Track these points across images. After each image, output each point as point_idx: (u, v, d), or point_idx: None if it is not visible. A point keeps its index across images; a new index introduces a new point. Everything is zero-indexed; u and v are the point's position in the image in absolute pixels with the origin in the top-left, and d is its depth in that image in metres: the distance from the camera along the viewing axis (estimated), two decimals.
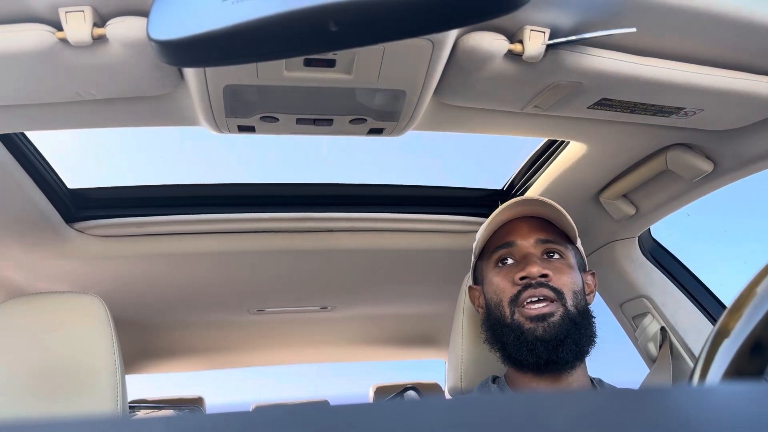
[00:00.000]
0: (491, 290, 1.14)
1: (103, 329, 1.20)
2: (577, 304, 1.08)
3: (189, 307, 2.14)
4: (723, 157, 1.27)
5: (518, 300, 1.07)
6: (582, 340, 1.06)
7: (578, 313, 1.07)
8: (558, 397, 0.24)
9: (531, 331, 1.04)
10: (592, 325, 1.10)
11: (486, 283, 1.17)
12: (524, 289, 1.07)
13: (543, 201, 1.13)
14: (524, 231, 1.14)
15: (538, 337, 1.03)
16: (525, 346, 1.04)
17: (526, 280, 1.07)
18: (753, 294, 0.36)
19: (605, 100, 1.06)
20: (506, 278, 1.11)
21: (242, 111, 1.02)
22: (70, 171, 1.48)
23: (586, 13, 0.87)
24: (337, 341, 2.86)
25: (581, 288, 1.12)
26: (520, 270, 1.09)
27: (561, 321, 1.04)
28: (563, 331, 1.04)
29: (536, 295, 1.05)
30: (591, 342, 1.08)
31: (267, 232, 1.66)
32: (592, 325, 1.10)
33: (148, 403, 2.90)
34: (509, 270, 1.12)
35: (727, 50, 0.97)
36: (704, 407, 0.23)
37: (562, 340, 1.03)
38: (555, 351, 1.03)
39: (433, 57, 0.89)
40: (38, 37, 0.80)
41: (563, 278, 1.09)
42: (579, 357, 1.07)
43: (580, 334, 1.06)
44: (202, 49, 0.41)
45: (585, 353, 1.08)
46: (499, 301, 1.11)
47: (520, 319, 1.06)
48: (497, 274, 1.13)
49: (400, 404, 0.23)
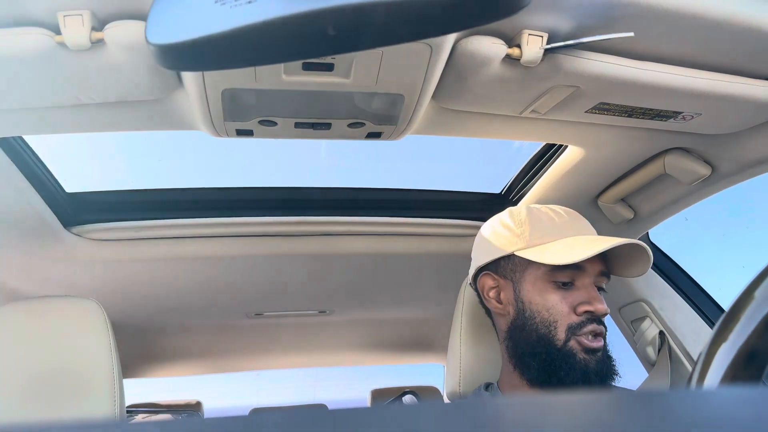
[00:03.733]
0: (542, 305, 1.09)
1: (101, 333, 1.20)
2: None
3: (187, 311, 2.14)
4: (721, 161, 1.27)
5: (579, 331, 1.06)
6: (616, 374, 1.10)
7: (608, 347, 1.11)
8: (557, 400, 0.24)
9: (584, 361, 1.05)
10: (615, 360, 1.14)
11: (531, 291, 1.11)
12: (589, 322, 1.06)
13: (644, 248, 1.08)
14: (594, 260, 1.10)
15: (591, 369, 1.05)
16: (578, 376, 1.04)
17: (590, 315, 1.06)
18: (751, 298, 0.36)
19: (603, 105, 1.06)
20: (566, 301, 1.08)
21: (240, 115, 1.02)
22: (68, 175, 1.48)
23: (584, 18, 0.87)
24: (335, 345, 2.85)
25: None
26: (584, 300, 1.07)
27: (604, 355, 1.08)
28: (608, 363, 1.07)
29: (596, 332, 1.06)
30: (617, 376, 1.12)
31: (265, 236, 1.66)
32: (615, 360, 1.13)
33: (145, 408, 2.89)
34: (569, 294, 1.09)
35: (725, 54, 0.98)
36: (702, 411, 0.23)
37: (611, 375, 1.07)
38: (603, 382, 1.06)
39: (431, 61, 0.90)
40: (37, 41, 0.80)
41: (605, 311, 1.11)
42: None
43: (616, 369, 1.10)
44: (201, 52, 0.41)
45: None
46: (552, 321, 1.07)
47: (574, 347, 1.05)
48: (555, 293, 1.09)
49: (398, 408, 0.23)
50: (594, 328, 1.06)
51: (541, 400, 0.25)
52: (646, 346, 1.61)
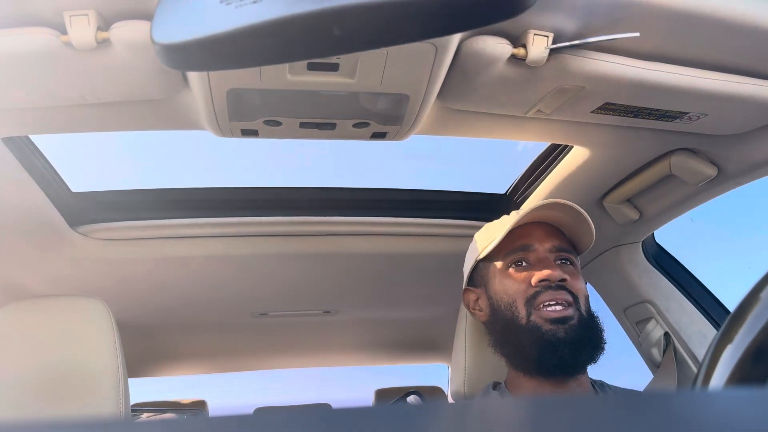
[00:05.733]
0: (502, 291, 1.12)
1: (107, 332, 1.20)
2: (588, 310, 1.10)
3: (192, 311, 2.14)
4: (727, 162, 1.27)
5: (535, 301, 1.06)
6: (597, 344, 1.08)
7: (590, 318, 1.09)
8: (562, 401, 0.24)
9: (552, 332, 1.04)
10: (602, 331, 1.11)
11: (494, 284, 1.15)
12: (544, 290, 1.06)
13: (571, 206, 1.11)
14: (540, 235, 1.14)
15: (560, 339, 1.03)
16: (548, 348, 1.03)
17: (545, 283, 1.07)
18: (757, 299, 0.36)
19: (608, 105, 1.06)
20: (521, 280, 1.10)
21: (245, 115, 1.02)
22: (74, 175, 1.49)
23: (589, 18, 0.87)
24: (339, 345, 2.85)
25: (588, 295, 1.14)
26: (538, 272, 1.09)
27: (579, 325, 1.05)
28: (582, 334, 1.05)
29: (556, 299, 1.05)
30: (602, 347, 1.09)
31: (270, 236, 1.66)
32: (602, 330, 1.11)
33: (150, 407, 2.89)
34: (524, 272, 1.11)
35: (731, 55, 0.97)
36: (708, 413, 0.23)
37: (584, 343, 1.04)
38: (577, 353, 1.03)
39: (436, 61, 0.89)
40: (43, 40, 0.80)
41: (577, 284, 1.10)
42: (594, 361, 1.08)
43: (596, 338, 1.07)
44: (206, 52, 0.41)
45: (598, 358, 1.09)
46: (512, 302, 1.09)
47: (538, 321, 1.05)
48: (510, 276, 1.12)
49: (402, 408, 0.23)
50: (552, 295, 1.06)
51: (546, 401, 0.25)
52: (652, 348, 1.61)
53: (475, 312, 1.22)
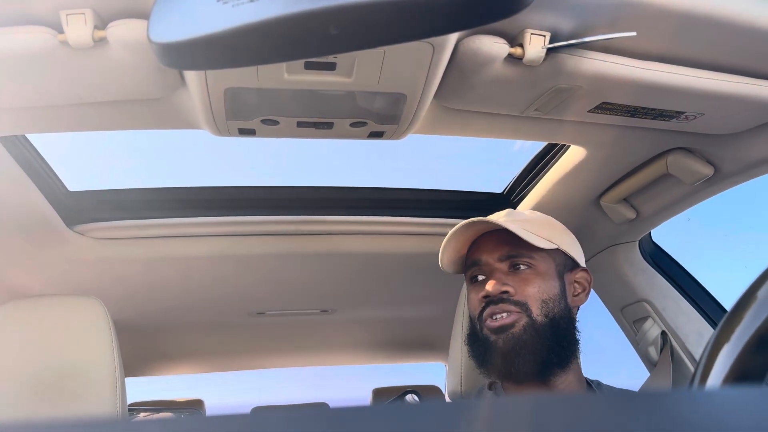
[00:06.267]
0: (468, 306, 1.18)
1: (103, 332, 1.20)
2: (548, 312, 1.07)
3: (189, 310, 2.14)
4: (723, 161, 1.27)
5: (481, 317, 1.10)
6: (548, 348, 1.05)
7: (548, 321, 1.07)
8: (559, 400, 0.24)
9: (494, 343, 1.07)
10: (569, 331, 1.09)
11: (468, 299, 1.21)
12: (486, 306, 1.10)
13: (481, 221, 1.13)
14: (489, 247, 1.15)
15: (499, 349, 1.06)
16: (487, 359, 1.08)
17: (488, 299, 1.10)
18: (754, 298, 0.36)
19: (605, 104, 1.06)
20: (475, 296, 1.14)
21: (243, 114, 1.02)
22: (70, 174, 1.49)
23: (586, 17, 0.87)
24: (337, 344, 2.85)
25: (557, 293, 1.10)
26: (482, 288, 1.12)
27: (522, 332, 1.05)
28: (521, 341, 1.05)
29: (495, 313, 1.08)
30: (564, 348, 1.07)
31: (267, 235, 1.66)
32: (568, 331, 1.09)
33: (147, 406, 2.89)
34: (478, 287, 1.15)
35: (727, 54, 0.97)
36: (704, 411, 0.23)
37: (518, 352, 1.04)
38: (512, 363, 1.05)
39: (433, 60, 0.89)
40: (39, 39, 0.80)
41: (528, 289, 1.08)
42: (545, 366, 1.06)
43: (544, 343, 1.05)
44: (203, 51, 0.41)
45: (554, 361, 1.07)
46: (474, 318, 1.14)
47: (487, 333, 1.09)
48: (471, 291, 1.17)
49: (400, 407, 0.23)
50: (492, 310, 1.08)
51: (542, 400, 0.25)
52: (648, 347, 1.61)
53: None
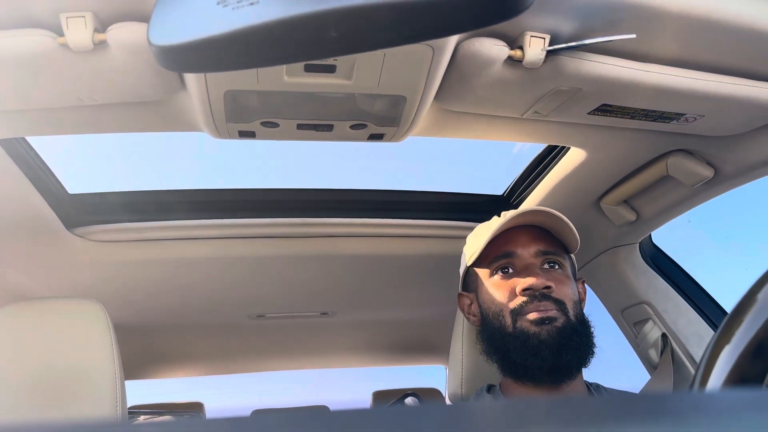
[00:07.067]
0: (489, 300, 1.12)
1: (103, 335, 1.20)
2: (577, 314, 1.08)
3: (189, 313, 2.14)
4: (724, 163, 1.27)
5: (522, 312, 1.06)
6: (583, 348, 1.06)
7: (578, 322, 1.07)
8: (557, 403, 0.24)
9: (536, 335, 1.03)
10: (592, 335, 1.10)
11: (482, 292, 1.15)
12: (530, 301, 1.06)
13: (548, 212, 1.11)
14: (525, 241, 1.12)
15: (542, 341, 1.02)
16: (529, 351, 1.03)
17: (529, 292, 1.06)
18: (754, 300, 0.36)
19: (605, 106, 1.06)
20: (507, 288, 1.10)
21: (243, 116, 1.02)
22: (70, 176, 1.49)
23: (586, 19, 0.87)
24: (337, 347, 2.85)
25: (579, 298, 1.12)
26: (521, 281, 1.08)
27: (564, 327, 1.04)
28: (566, 336, 1.03)
29: (539, 310, 1.05)
30: (591, 351, 1.08)
31: (267, 238, 1.66)
32: (591, 334, 1.10)
33: (147, 409, 2.89)
34: (510, 280, 1.10)
35: (728, 56, 0.97)
36: (705, 414, 0.23)
37: (566, 345, 1.03)
38: (559, 355, 1.02)
39: (433, 63, 0.90)
40: (39, 42, 0.80)
41: (564, 289, 1.08)
42: (580, 365, 1.07)
43: (582, 342, 1.06)
44: (203, 54, 0.41)
45: (586, 362, 1.08)
46: (498, 311, 1.09)
47: (524, 325, 1.05)
48: (496, 284, 1.12)
49: (400, 410, 0.23)
50: (536, 307, 1.05)
51: (543, 402, 0.24)
52: (649, 349, 1.61)
53: (469, 317, 1.22)
